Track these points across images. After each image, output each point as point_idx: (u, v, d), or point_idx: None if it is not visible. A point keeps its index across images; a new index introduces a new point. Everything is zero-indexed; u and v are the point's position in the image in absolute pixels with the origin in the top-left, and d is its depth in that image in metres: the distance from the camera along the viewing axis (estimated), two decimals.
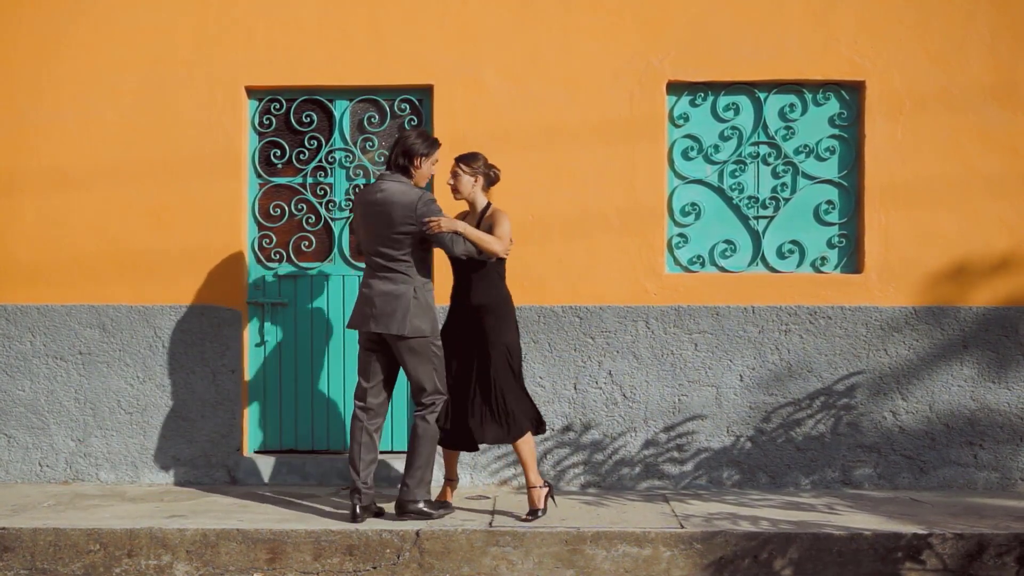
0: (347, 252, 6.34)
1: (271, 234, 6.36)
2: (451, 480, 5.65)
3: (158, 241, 6.24)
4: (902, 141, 6.15)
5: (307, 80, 6.26)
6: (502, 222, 5.37)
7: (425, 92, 6.29)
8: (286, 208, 6.36)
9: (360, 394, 5.44)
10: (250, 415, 6.36)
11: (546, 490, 5.41)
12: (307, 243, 6.36)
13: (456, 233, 5.25)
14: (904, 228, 6.14)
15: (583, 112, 6.16)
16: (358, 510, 5.31)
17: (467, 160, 5.48)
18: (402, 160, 5.37)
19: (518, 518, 5.35)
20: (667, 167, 6.25)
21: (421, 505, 5.33)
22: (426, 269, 5.39)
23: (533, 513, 5.31)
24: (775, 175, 6.28)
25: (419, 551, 5.06)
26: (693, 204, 6.27)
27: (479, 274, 5.40)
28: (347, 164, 6.36)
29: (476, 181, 5.46)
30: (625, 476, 6.17)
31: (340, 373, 6.35)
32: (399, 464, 6.19)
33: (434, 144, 5.44)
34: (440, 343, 5.41)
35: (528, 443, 5.39)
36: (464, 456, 6.16)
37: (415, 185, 5.40)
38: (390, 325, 5.28)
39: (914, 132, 6.15)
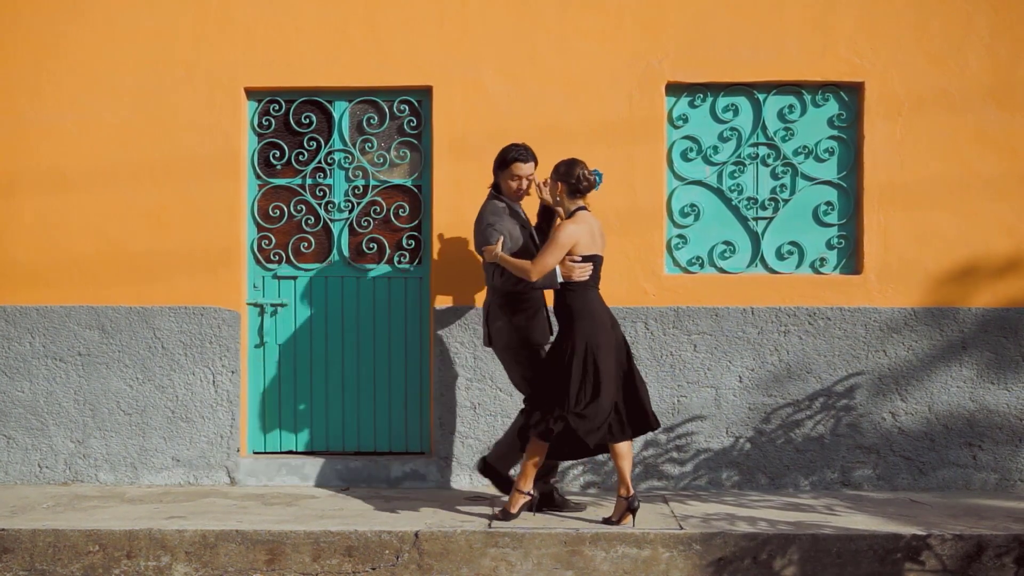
0: (346, 253, 6.35)
1: (270, 235, 6.36)
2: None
3: (157, 242, 6.24)
4: (901, 142, 6.15)
5: (306, 81, 6.26)
6: (554, 237, 5.23)
7: (424, 93, 6.29)
8: (285, 209, 6.36)
9: None
10: (249, 416, 6.36)
11: (524, 500, 5.31)
12: (306, 244, 6.36)
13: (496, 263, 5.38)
14: (903, 229, 6.14)
15: (582, 113, 6.17)
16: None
17: (556, 167, 5.38)
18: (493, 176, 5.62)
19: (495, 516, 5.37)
20: (666, 168, 6.25)
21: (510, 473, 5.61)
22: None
23: (503, 513, 5.32)
24: (774, 176, 6.28)
25: (418, 552, 5.06)
26: (692, 205, 6.27)
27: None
28: (346, 165, 6.36)
29: (559, 188, 5.33)
30: None
31: (339, 374, 6.35)
32: (397, 465, 6.20)
33: (509, 154, 5.47)
34: (531, 351, 5.47)
35: (527, 450, 5.31)
36: (463, 456, 6.17)
37: (510, 198, 5.54)
38: (485, 336, 5.63)
39: (913, 133, 6.15)
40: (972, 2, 6.14)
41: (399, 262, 6.33)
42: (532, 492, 5.33)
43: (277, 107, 6.37)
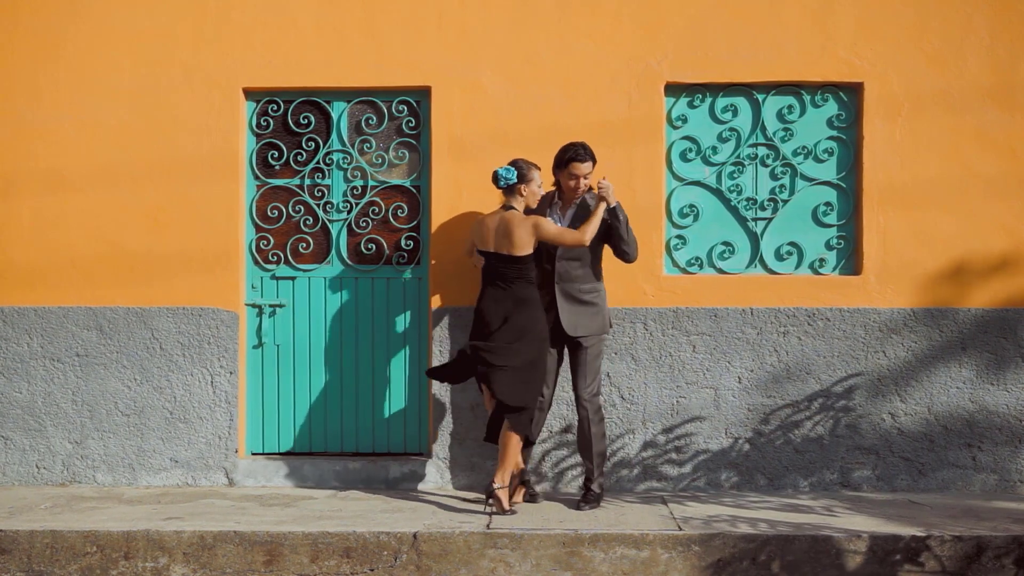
0: (344, 254, 6.34)
1: (268, 236, 6.35)
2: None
3: (155, 243, 6.23)
4: (900, 143, 6.15)
5: (305, 82, 6.25)
6: None
7: (423, 94, 6.29)
8: (284, 210, 6.36)
9: None
10: (248, 417, 6.36)
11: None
12: (305, 245, 6.35)
13: None
14: (902, 230, 6.14)
15: (581, 114, 6.16)
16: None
17: None
18: None
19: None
20: (665, 169, 6.25)
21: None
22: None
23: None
24: (773, 177, 6.27)
25: (416, 553, 5.05)
26: (691, 206, 6.26)
27: None
28: (345, 166, 6.35)
29: None
30: (624, 478, 6.16)
31: (337, 375, 6.34)
32: (395, 466, 6.19)
33: (566, 154, 5.69)
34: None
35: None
36: (461, 457, 6.16)
37: (569, 198, 5.85)
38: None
39: (912, 133, 6.14)
40: (972, 2, 6.14)
41: (398, 263, 6.33)
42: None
43: (275, 107, 6.36)
